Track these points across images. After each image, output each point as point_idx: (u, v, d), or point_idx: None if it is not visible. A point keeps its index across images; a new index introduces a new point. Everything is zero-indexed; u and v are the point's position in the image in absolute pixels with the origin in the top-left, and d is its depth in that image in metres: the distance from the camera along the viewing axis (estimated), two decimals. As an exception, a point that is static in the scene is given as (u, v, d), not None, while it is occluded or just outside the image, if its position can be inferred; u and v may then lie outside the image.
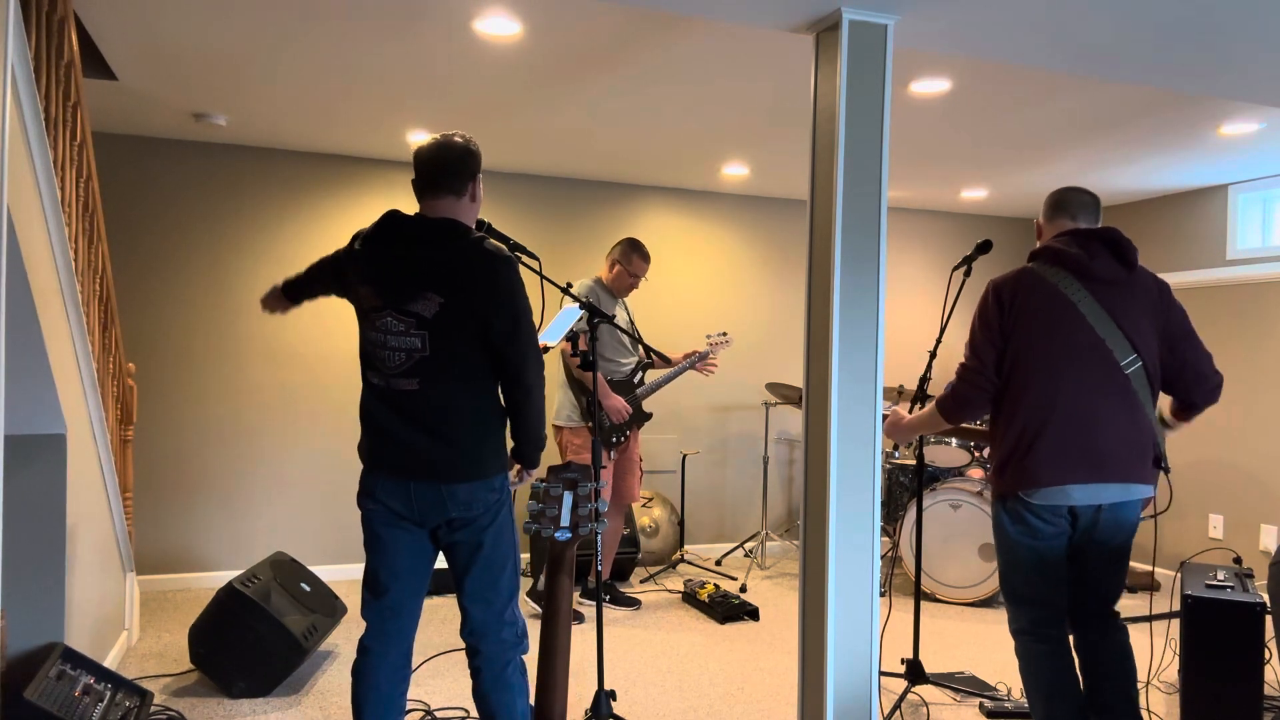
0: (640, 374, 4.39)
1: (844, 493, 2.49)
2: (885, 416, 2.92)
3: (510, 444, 2.31)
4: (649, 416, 4.43)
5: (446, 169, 2.20)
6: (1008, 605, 2.63)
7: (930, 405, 2.70)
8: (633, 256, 4.26)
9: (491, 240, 2.21)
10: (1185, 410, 2.62)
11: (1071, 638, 2.59)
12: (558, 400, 4.28)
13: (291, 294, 2.50)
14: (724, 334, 4.48)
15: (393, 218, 2.20)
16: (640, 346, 4.54)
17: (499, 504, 2.22)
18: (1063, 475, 2.42)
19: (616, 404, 4.13)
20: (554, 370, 4.86)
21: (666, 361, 3.53)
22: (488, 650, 2.23)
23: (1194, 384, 2.53)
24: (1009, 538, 2.55)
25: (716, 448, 5.74)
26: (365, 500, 2.22)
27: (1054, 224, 2.62)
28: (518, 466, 2.32)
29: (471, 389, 2.16)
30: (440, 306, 2.12)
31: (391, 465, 2.18)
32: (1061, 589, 2.55)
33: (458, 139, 2.26)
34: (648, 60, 3.29)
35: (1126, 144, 4.28)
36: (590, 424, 4.20)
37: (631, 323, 4.40)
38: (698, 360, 4.33)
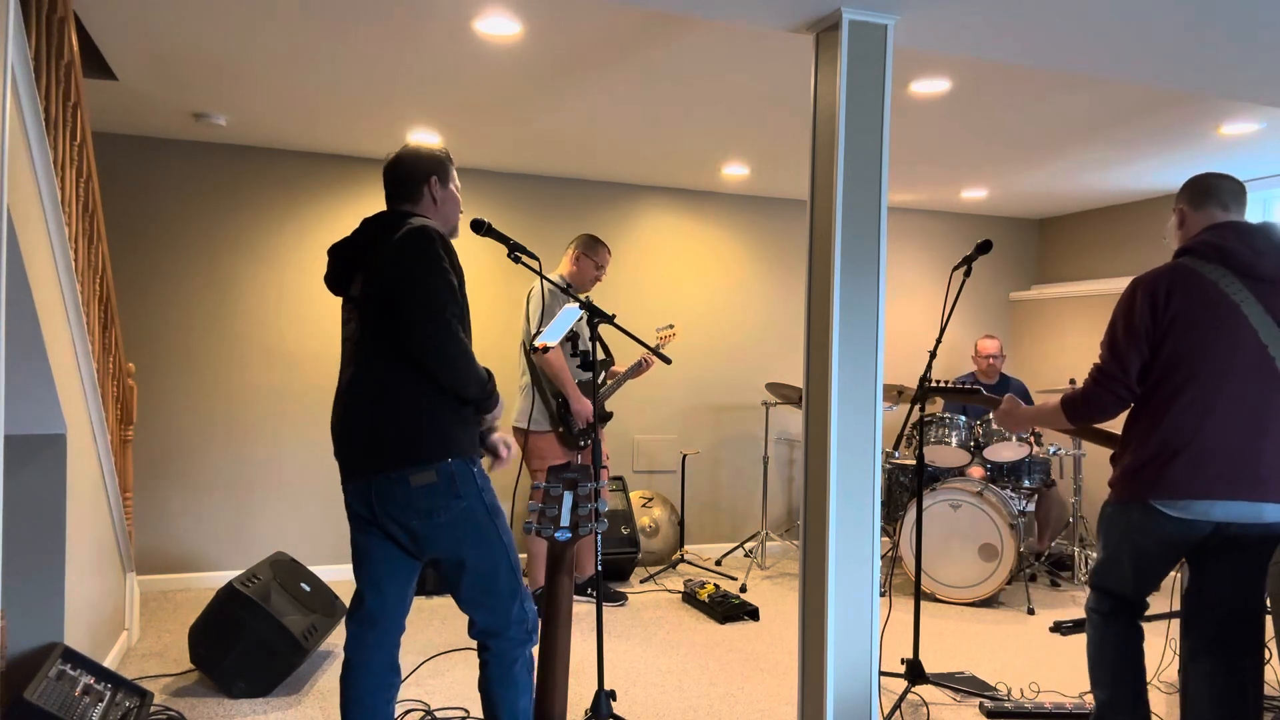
0: (601, 374, 4.39)
1: (844, 493, 2.49)
2: (999, 403, 2.77)
3: (473, 435, 2.23)
4: (610, 416, 4.46)
5: (396, 181, 2.28)
6: (1093, 590, 2.50)
7: (1054, 401, 2.50)
8: (598, 247, 4.28)
9: (421, 219, 2.18)
10: None
11: (1188, 668, 2.37)
12: (519, 403, 4.25)
13: None
14: (670, 326, 4.48)
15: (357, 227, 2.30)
16: (601, 347, 4.53)
17: (468, 511, 2.14)
18: (1208, 489, 2.23)
19: (585, 408, 4.13)
20: (516, 373, 4.87)
21: (663, 358, 3.52)
22: (496, 647, 2.22)
23: None
24: (1120, 541, 2.38)
25: (716, 448, 5.74)
26: (346, 508, 2.25)
27: (1203, 213, 2.40)
28: (487, 459, 2.28)
29: (402, 365, 2.11)
30: (362, 284, 2.16)
31: (347, 464, 2.17)
32: (1152, 589, 2.41)
33: (404, 151, 2.31)
34: (648, 60, 3.29)
35: (1126, 144, 4.28)
36: (560, 429, 4.17)
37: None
38: (647, 357, 4.34)
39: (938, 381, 3.17)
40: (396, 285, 2.07)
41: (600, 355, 4.51)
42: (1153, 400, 2.32)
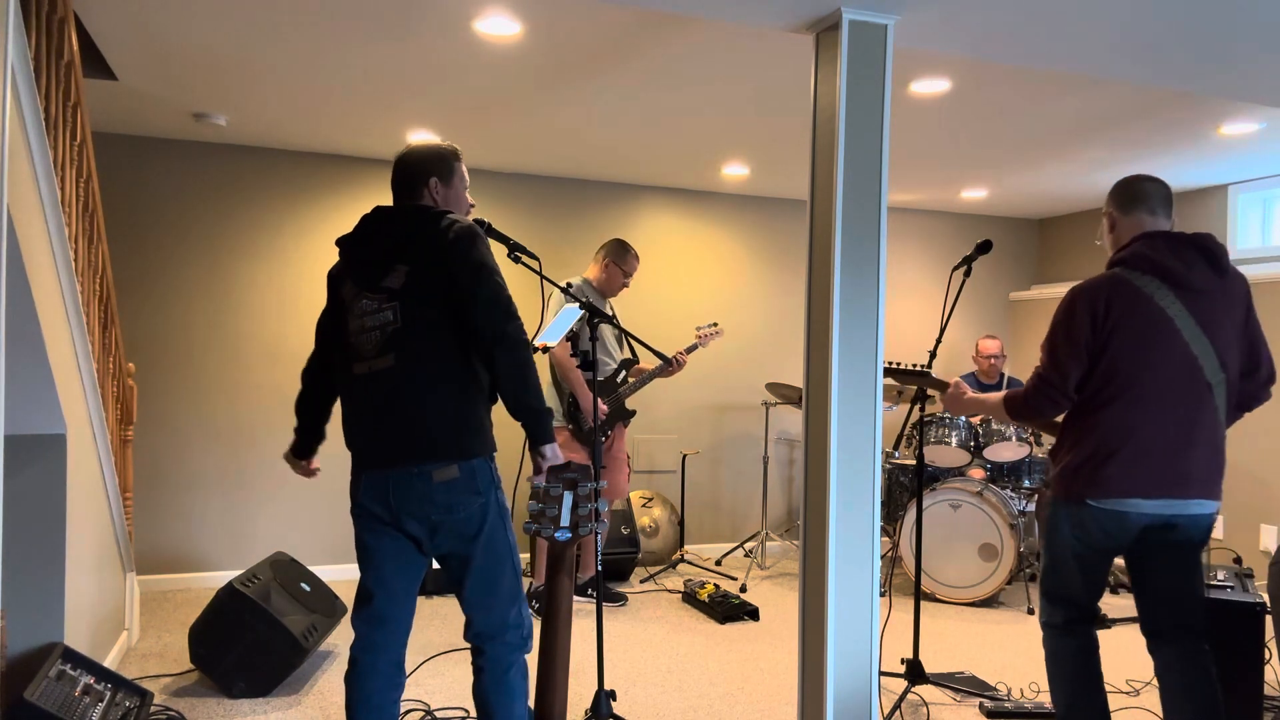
0: (623, 372, 4.41)
1: (844, 493, 2.49)
2: (948, 385, 2.87)
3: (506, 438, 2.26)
4: (632, 414, 4.47)
5: (398, 181, 2.29)
6: (1043, 600, 2.60)
7: (997, 398, 2.62)
8: (627, 255, 4.32)
9: (458, 215, 2.21)
10: (1236, 411, 2.51)
11: (1156, 665, 2.49)
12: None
13: (310, 423, 2.44)
14: (714, 325, 4.48)
15: (368, 213, 2.27)
16: (628, 345, 4.55)
17: (484, 508, 2.16)
18: (1138, 489, 2.36)
19: (591, 405, 4.16)
20: (543, 370, 4.87)
21: (664, 359, 3.51)
22: (492, 652, 2.21)
23: (1267, 380, 2.47)
24: (1062, 539, 2.49)
25: (716, 448, 5.74)
26: (353, 508, 2.23)
27: (1132, 218, 2.49)
28: (535, 468, 2.20)
29: (445, 359, 2.13)
30: (407, 275, 2.14)
31: (369, 455, 2.16)
32: (1100, 593, 2.51)
33: (411, 149, 2.31)
34: (648, 60, 3.29)
35: (1126, 144, 4.28)
36: (570, 425, 4.25)
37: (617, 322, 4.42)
38: (682, 354, 4.33)
39: (889, 363, 3.21)
40: (468, 287, 2.10)
41: (625, 354, 4.54)
42: (1090, 405, 2.43)
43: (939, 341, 3.19)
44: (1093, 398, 2.43)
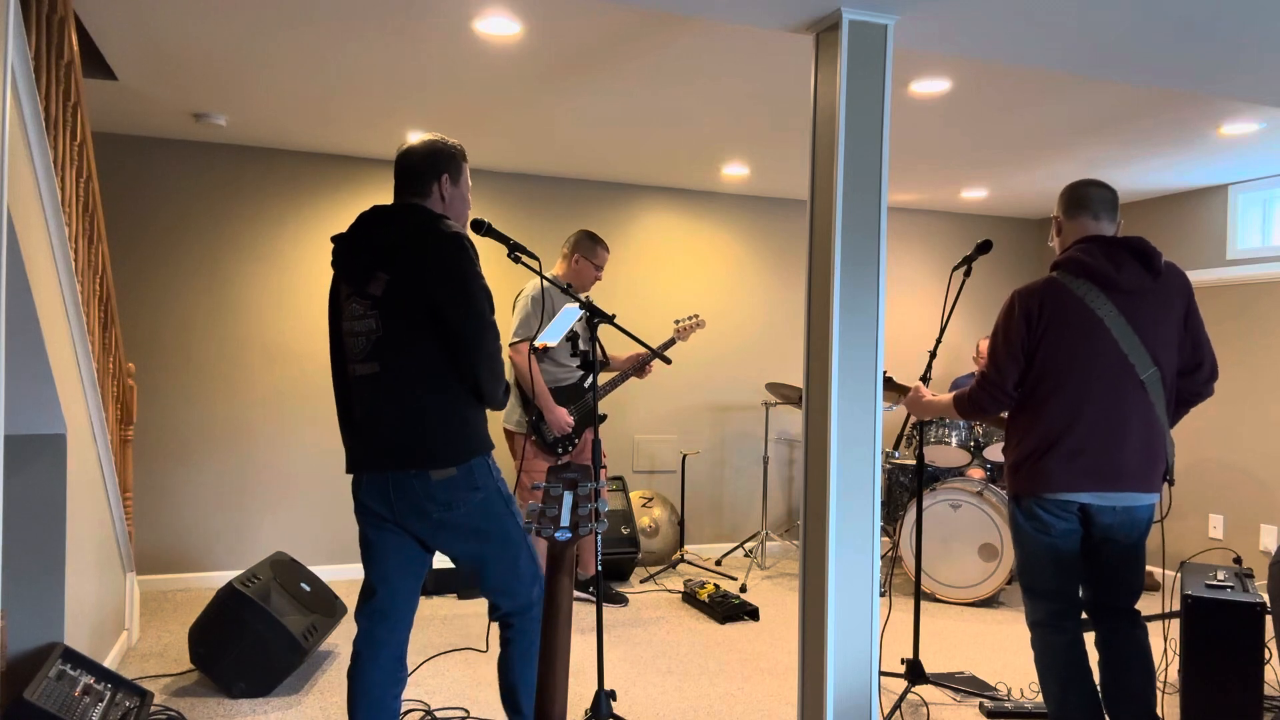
0: (591, 377, 4.34)
1: (844, 493, 2.49)
2: (909, 390, 3.00)
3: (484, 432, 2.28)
4: (603, 418, 4.41)
5: (405, 174, 2.26)
6: (1025, 599, 2.67)
7: (949, 397, 2.77)
8: (596, 248, 4.17)
9: (448, 222, 2.19)
10: (1180, 407, 2.65)
11: (1093, 634, 2.67)
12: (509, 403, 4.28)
13: None
14: (694, 316, 4.40)
15: (364, 212, 2.26)
16: (598, 348, 4.41)
17: (485, 502, 2.18)
18: (1078, 483, 2.48)
19: (557, 418, 4.05)
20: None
21: (658, 356, 3.41)
22: (521, 625, 2.25)
23: (1209, 378, 2.58)
24: (1024, 534, 2.60)
25: (716, 448, 5.74)
26: (356, 505, 2.25)
27: (1076, 223, 2.60)
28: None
29: (429, 365, 2.12)
30: (387, 284, 2.13)
31: (367, 459, 2.17)
32: (1076, 582, 2.59)
33: (420, 143, 2.28)
34: (648, 60, 3.29)
35: (1126, 144, 4.28)
36: (534, 436, 4.13)
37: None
38: (650, 359, 4.24)
39: None
40: (448, 299, 2.10)
41: (598, 356, 4.48)
42: (1029, 404, 2.57)
43: (939, 341, 3.19)
44: (1031, 396, 2.56)
